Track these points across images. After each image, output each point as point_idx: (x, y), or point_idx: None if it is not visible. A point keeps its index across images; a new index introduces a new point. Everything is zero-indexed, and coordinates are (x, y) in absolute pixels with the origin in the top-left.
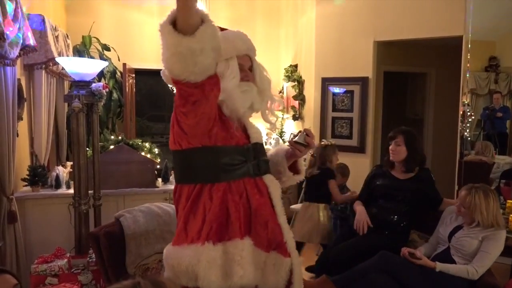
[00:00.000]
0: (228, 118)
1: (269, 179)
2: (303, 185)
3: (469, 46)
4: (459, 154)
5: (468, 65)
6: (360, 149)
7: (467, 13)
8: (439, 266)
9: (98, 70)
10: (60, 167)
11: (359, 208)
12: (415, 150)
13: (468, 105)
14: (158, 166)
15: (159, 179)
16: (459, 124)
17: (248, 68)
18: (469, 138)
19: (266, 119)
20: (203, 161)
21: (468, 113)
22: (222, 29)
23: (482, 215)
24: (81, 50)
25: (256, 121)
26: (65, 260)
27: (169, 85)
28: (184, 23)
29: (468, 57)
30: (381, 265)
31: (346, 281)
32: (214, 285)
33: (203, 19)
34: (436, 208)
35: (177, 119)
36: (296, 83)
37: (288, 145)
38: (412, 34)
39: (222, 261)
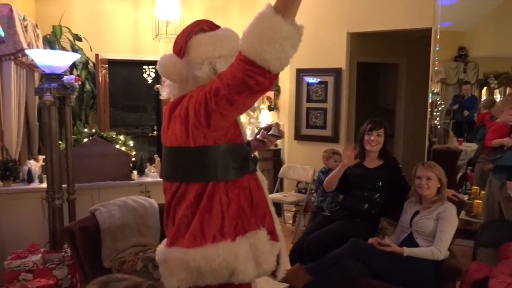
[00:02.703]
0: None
1: (260, 174)
2: None
3: (438, 37)
4: (428, 142)
5: (436, 56)
6: (334, 138)
7: (436, 6)
8: (407, 251)
9: (70, 63)
10: (32, 161)
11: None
12: (388, 139)
13: (438, 94)
14: (133, 159)
15: (135, 172)
16: (428, 113)
17: None
18: (438, 126)
19: (249, 114)
20: (217, 158)
21: (438, 102)
22: (216, 26)
23: (443, 177)
24: (51, 41)
25: None
26: (40, 255)
27: (147, 77)
28: (292, 15)
29: (437, 49)
30: (353, 252)
31: (319, 269)
32: (251, 276)
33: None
34: (405, 196)
35: (208, 108)
36: None
37: (258, 137)
38: (384, 26)
39: (251, 252)
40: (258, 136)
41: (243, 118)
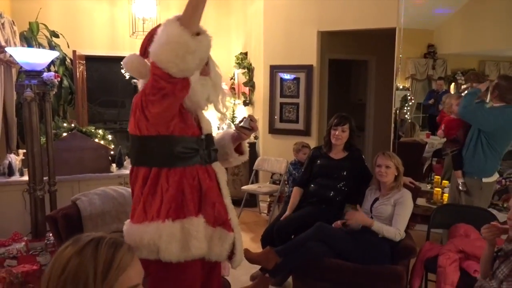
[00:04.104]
0: (187, 110)
1: (217, 166)
2: None
3: (402, 36)
4: (393, 135)
5: (400, 54)
6: (306, 132)
7: (400, 7)
8: (376, 225)
9: (49, 60)
10: (12, 155)
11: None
12: (354, 132)
13: (408, 89)
14: (112, 152)
15: (113, 165)
16: (393, 107)
17: (205, 64)
18: (409, 120)
19: (218, 110)
20: (160, 148)
21: (409, 97)
22: None
23: (400, 166)
24: (28, 37)
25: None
26: (23, 243)
27: (125, 73)
28: (190, 23)
29: (401, 47)
30: (318, 235)
31: (287, 251)
32: (173, 256)
33: (203, 31)
34: (367, 184)
35: (142, 105)
36: (246, 70)
37: (234, 130)
38: (352, 25)
39: (180, 235)
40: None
41: (214, 113)
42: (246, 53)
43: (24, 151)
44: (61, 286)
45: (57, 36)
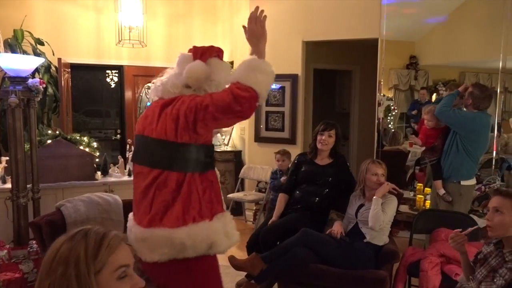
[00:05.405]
0: None
1: (216, 170)
2: None
3: (384, 47)
4: (377, 143)
5: (383, 65)
6: (291, 140)
7: (381, 19)
8: (374, 200)
9: (34, 67)
10: None
11: (278, 202)
12: (340, 139)
13: (392, 99)
14: (97, 160)
15: (98, 172)
16: (376, 117)
17: None
18: (392, 130)
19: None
20: (195, 155)
21: (392, 107)
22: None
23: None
24: (12, 44)
25: None
26: (5, 251)
27: (110, 82)
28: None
29: (383, 58)
30: (303, 241)
31: (273, 257)
32: (224, 247)
33: None
34: (352, 190)
35: (195, 117)
36: None
37: None
38: (336, 36)
39: (223, 229)
40: None
41: None
42: (232, 62)
43: (7, 158)
44: (53, 269)
45: (42, 43)
